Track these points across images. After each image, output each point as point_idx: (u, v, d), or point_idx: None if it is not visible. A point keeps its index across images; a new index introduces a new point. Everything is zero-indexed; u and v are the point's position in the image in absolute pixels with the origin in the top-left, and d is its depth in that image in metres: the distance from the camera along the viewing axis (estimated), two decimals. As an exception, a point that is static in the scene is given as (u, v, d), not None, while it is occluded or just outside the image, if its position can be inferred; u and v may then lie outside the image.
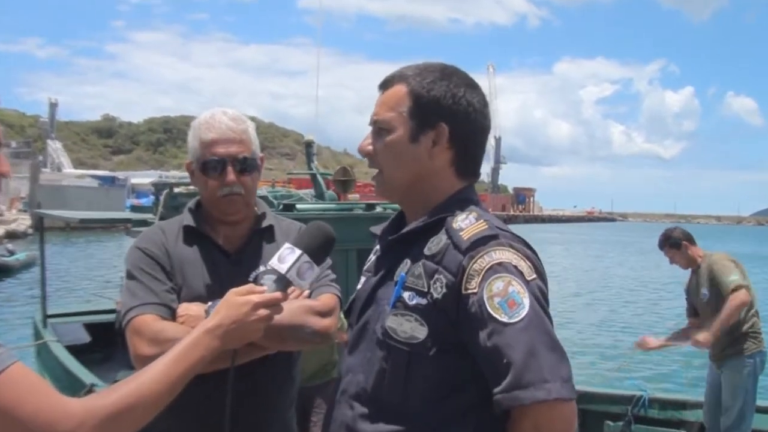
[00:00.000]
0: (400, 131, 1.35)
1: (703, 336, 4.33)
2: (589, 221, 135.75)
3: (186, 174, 1.92)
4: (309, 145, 5.26)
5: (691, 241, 4.63)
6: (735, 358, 4.41)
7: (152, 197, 6.08)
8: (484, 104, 1.38)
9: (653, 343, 4.73)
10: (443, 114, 1.34)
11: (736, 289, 4.29)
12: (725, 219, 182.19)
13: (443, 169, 1.36)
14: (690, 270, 4.69)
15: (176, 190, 5.80)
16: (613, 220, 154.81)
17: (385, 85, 1.40)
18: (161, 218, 5.58)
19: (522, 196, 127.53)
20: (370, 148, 1.40)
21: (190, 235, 1.82)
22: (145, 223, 5.79)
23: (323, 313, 1.69)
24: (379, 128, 1.37)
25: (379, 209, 4.88)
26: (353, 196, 5.50)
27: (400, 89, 1.36)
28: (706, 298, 4.54)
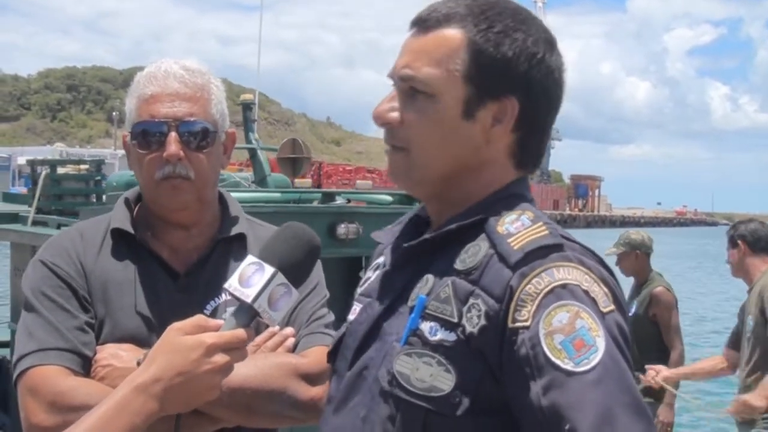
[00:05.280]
0: (448, 100, 1.33)
1: (754, 399, 4.31)
2: (680, 225, 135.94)
3: (95, 153, 1.86)
4: (247, 107, 5.28)
5: (756, 247, 4.71)
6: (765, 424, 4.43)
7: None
8: (563, 70, 1.41)
9: (662, 374, 4.89)
10: (515, 83, 1.33)
11: None
12: None
13: (498, 159, 1.37)
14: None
15: (60, 170, 5.79)
16: (714, 223, 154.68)
17: (424, 24, 1.36)
18: (39, 211, 5.58)
19: (582, 187, 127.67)
20: (396, 115, 1.36)
21: (121, 244, 1.80)
22: (16, 218, 5.78)
23: (313, 377, 1.65)
24: (414, 90, 1.35)
25: (340, 200, 4.86)
26: (304, 182, 5.49)
27: (452, 36, 1.33)
28: (750, 330, 4.62)
